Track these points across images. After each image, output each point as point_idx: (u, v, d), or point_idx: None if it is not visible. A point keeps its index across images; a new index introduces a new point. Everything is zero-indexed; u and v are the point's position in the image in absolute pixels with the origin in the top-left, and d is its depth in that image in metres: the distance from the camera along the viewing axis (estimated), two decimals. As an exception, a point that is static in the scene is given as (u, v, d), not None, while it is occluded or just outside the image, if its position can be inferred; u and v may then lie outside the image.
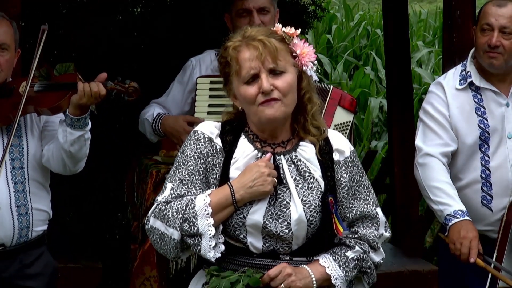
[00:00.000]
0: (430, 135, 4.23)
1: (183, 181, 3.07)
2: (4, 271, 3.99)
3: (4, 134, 4.00)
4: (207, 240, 2.98)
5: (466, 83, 4.21)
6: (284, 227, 3.03)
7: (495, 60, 4.10)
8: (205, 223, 2.98)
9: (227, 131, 3.13)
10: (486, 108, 4.19)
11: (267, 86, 3.01)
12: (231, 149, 3.11)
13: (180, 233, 3.00)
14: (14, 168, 3.97)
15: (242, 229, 3.05)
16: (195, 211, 2.99)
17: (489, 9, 4.14)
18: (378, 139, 11.66)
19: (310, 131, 3.12)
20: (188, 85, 4.63)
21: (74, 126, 3.90)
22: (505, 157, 4.17)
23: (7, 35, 3.98)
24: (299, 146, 3.13)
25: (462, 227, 4.03)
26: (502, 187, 4.15)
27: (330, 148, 3.15)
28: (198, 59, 4.68)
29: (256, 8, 4.49)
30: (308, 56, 3.09)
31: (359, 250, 3.11)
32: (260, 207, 3.05)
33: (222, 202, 3.01)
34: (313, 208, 3.05)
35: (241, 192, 3.02)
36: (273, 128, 3.10)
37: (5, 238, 3.96)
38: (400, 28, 6.38)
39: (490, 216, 4.18)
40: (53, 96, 3.96)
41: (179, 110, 4.64)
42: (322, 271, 3.06)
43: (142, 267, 4.70)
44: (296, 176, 3.09)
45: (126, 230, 5.75)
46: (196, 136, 3.11)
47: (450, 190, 4.13)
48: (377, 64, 13.18)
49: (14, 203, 3.96)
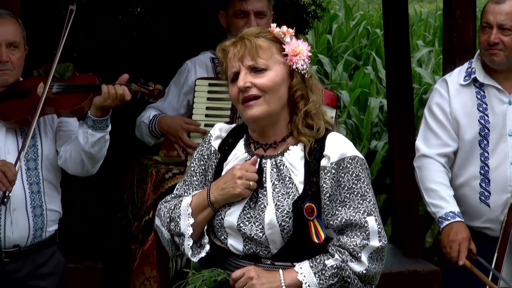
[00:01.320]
0: (429, 135, 4.27)
1: (185, 182, 3.20)
2: (18, 272, 3.99)
3: (18, 135, 3.99)
4: (187, 240, 3.06)
5: (470, 79, 4.25)
6: (258, 231, 3.04)
7: (495, 57, 4.14)
8: (186, 222, 3.07)
9: (231, 134, 3.17)
10: (488, 104, 4.22)
11: (242, 83, 3.02)
12: (228, 151, 3.15)
13: (169, 232, 3.12)
14: (29, 169, 3.97)
15: (222, 230, 3.09)
16: (180, 211, 3.10)
17: (488, 7, 4.18)
18: (378, 139, 11.65)
19: (302, 131, 3.08)
20: (183, 88, 4.61)
21: (95, 127, 3.90)
22: (505, 154, 4.18)
23: (16, 33, 3.99)
24: (288, 149, 3.10)
25: (452, 230, 4.08)
26: (501, 183, 4.17)
27: (321, 153, 3.07)
28: (193, 61, 4.67)
29: (254, 11, 4.48)
30: (300, 54, 3.06)
31: (338, 259, 3.03)
32: (236, 210, 3.07)
33: (200, 203, 3.09)
34: (285, 213, 3.02)
35: (215, 194, 3.07)
36: (261, 128, 3.10)
37: (20, 239, 3.96)
38: (400, 28, 6.37)
39: (488, 213, 4.19)
40: (73, 97, 3.93)
41: (175, 113, 4.62)
42: (294, 277, 3.03)
43: (142, 267, 4.70)
44: (275, 181, 3.08)
45: (126, 230, 5.74)
46: (205, 138, 3.22)
47: (444, 192, 4.16)
48: (377, 64, 13.17)
49: (30, 204, 3.96)
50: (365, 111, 12.09)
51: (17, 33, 4.00)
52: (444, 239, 4.10)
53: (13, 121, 3.95)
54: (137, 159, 5.09)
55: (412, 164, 4.34)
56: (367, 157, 8.30)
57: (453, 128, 4.24)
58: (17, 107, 3.95)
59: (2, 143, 3.95)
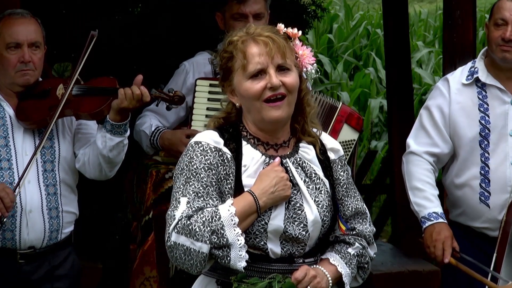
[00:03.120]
0: (420, 133, 4.30)
1: (198, 194, 2.99)
2: (34, 274, 3.99)
3: (36, 136, 3.99)
4: (237, 250, 2.94)
5: (472, 78, 4.25)
6: (301, 229, 3.05)
7: (508, 54, 4.15)
8: (233, 233, 2.93)
9: (227, 139, 3.09)
10: (490, 105, 4.22)
11: (277, 81, 3.00)
12: (238, 156, 3.07)
13: (210, 246, 2.93)
14: (45, 170, 3.96)
15: (263, 236, 3.03)
16: (222, 222, 2.93)
17: (503, 4, 4.18)
18: (378, 139, 11.66)
19: (309, 133, 3.15)
20: (182, 90, 4.56)
21: (114, 132, 3.90)
22: (505, 155, 4.18)
23: (37, 33, 4.01)
24: (299, 147, 3.15)
25: (434, 230, 4.12)
26: (501, 184, 4.18)
27: (325, 148, 3.19)
28: (191, 62, 4.64)
29: (252, 14, 4.46)
30: (307, 58, 3.10)
31: (359, 247, 3.15)
32: (279, 212, 3.05)
33: (246, 210, 2.98)
34: (325, 208, 3.09)
35: (264, 199, 3.00)
36: (274, 129, 3.10)
37: (36, 240, 3.96)
38: (400, 28, 6.37)
39: (488, 213, 4.20)
40: (93, 101, 3.93)
41: (174, 116, 4.60)
42: (334, 270, 3.09)
43: (142, 267, 4.69)
44: (305, 178, 3.11)
45: (126, 230, 5.74)
46: (201, 147, 3.05)
47: (429, 191, 4.19)
48: (377, 64, 13.18)
49: (46, 206, 3.96)
50: (365, 112, 12.10)
51: (38, 33, 4.00)
52: (427, 239, 4.14)
53: (32, 121, 3.95)
54: (137, 159, 5.08)
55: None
56: (367, 157, 8.30)
57: (447, 131, 4.24)
58: (36, 108, 3.94)
59: (19, 145, 3.95)
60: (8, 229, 3.91)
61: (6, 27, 3.96)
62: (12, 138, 3.95)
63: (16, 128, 3.96)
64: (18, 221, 3.91)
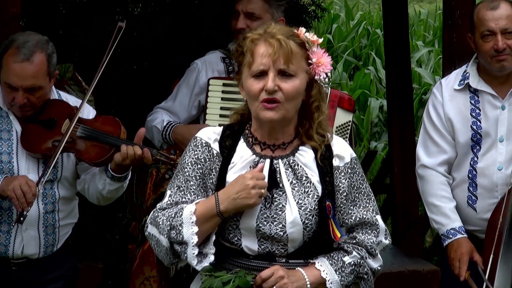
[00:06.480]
0: (428, 143, 4.28)
1: (180, 188, 3.10)
2: (26, 277, 3.96)
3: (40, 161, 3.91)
4: (191, 248, 3.00)
5: (464, 84, 4.23)
6: (278, 230, 3.04)
7: (505, 62, 4.11)
8: (189, 231, 3.00)
9: (226, 136, 3.13)
10: (482, 110, 4.20)
11: (271, 85, 3.00)
12: (229, 153, 3.11)
13: (169, 240, 3.03)
14: (45, 189, 3.90)
15: (237, 232, 3.07)
16: (182, 219, 3.01)
17: (484, 15, 4.12)
18: (378, 139, 11.65)
19: (313, 138, 3.12)
20: (195, 88, 4.56)
21: (114, 179, 3.90)
22: (493, 160, 4.17)
23: (37, 77, 3.80)
24: (298, 150, 3.13)
25: (453, 248, 4.15)
26: (487, 189, 4.18)
27: (331, 154, 3.14)
28: (203, 61, 4.62)
29: (244, 12, 4.43)
30: (323, 66, 3.08)
31: (356, 256, 3.11)
32: (253, 210, 3.05)
33: (208, 212, 3.03)
34: (308, 211, 3.05)
35: (225, 204, 3.02)
36: (271, 128, 3.10)
37: (30, 255, 3.93)
38: (400, 28, 6.37)
39: (474, 216, 4.21)
40: (95, 148, 3.89)
41: (186, 114, 4.60)
42: (317, 275, 3.06)
43: (142, 267, 4.69)
44: (293, 180, 3.09)
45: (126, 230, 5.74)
46: (195, 142, 3.14)
47: (445, 206, 4.20)
48: (377, 64, 13.17)
49: (43, 224, 3.92)
50: (365, 112, 12.09)
51: (39, 76, 3.80)
52: (448, 257, 4.17)
53: (34, 152, 3.89)
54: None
55: (412, 164, 4.35)
56: (367, 157, 8.30)
57: (449, 133, 4.24)
58: (41, 138, 3.89)
59: (23, 163, 3.89)
60: (2, 244, 3.88)
61: (6, 65, 3.80)
62: (16, 155, 3.89)
63: (21, 145, 3.90)
64: (12, 237, 3.88)
